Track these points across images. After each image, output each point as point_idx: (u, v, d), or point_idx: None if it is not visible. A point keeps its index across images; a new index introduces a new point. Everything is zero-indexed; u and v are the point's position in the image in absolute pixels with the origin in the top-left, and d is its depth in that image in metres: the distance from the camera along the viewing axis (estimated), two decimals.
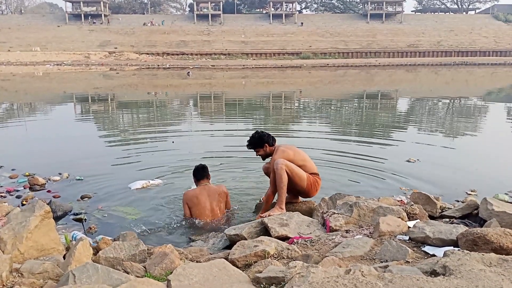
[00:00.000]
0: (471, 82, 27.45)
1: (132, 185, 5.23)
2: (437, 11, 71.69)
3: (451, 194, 4.88)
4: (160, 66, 39.26)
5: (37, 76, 30.51)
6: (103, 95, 19.00)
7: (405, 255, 2.47)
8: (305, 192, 4.28)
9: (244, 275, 2.27)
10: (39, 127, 10.30)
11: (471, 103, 16.19)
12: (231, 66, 39.34)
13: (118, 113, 13.63)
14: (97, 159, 6.68)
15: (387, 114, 12.98)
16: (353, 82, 26.73)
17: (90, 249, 2.61)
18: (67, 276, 2.05)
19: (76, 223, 4.13)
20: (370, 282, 1.84)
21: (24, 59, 41.51)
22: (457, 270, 1.96)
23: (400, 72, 35.33)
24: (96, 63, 41.43)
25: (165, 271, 2.41)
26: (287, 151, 4.20)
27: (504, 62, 42.84)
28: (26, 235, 2.58)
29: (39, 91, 20.77)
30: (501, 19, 58.13)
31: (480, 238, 2.44)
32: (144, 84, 24.63)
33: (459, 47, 50.12)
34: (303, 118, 12.20)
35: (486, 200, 3.26)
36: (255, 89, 22.08)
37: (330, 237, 3.06)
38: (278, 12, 57.62)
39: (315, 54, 47.17)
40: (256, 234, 3.29)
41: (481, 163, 6.46)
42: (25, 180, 5.39)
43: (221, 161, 6.45)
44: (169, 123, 11.17)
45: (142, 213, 4.40)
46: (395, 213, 3.29)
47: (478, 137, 9.06)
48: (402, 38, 51.98)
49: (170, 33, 51.76)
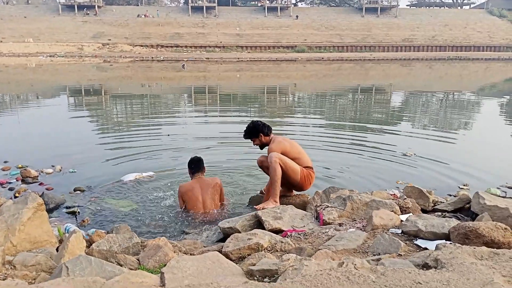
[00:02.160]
0: (465, 77, 27.56)
1: (125, 177, 5.22)
2: (432, 6, 71.66)
3: (444, 188, 4.92)
4: (154, 59, 39.01)
5: (30, 67, 30.21)
6: (96, 87, 18.86)
7: (398, 248, 2.49)
8: (299, 185, 4.29)
9: (238, 268, 2.27)
10: (32, 119, 10.22)
11: (466, 97, 16.27)
12: (226, 59, 39.17)
13: (112, 105, 13.55)
14: (90, 152, 6.64)
15: (382, 108, 13.01)
16: (348, 76, 26.74)
17: (83, 242, 2.60)
18: (60, 268, 2.04)
19: (69, 216, 4.12)
20: (363, 275, 1.85)
21: (16, 50, 41.01)
22: (448, 263, 1.98)
23: (394, 66, 35.37)
24: (90, 54, 41.04)
25: (159, 263, 2.41)
26: (283, 142, 4.22)
27: (498, 57, 43.02)
28: (18, 227, 2.57)
29: (32, 83, 20.58)
30: (495, 14, 58.25)
31: (472, 231, 2.47)
32: (138, 77, 24.48)
33: (454, 42, 50.20)
34: (297, 111, 12.20)
35: (478, 194, 3.29)
36: (250, 82, 22.02)
37: (324, 230, 3.07)
38: (273, 5, 57.34)
39: (310, 47, 47.03)
40: (250, 227, 3.30)
41: (474, 158, 6.50)
42: (17, 173, 5.35)
43: (215, 153, 6.45)
44: (163, 115, 11.13)
45: (135, 205, 4.39)
46: (388, 206, 3.31)
47: (472, 132, 9.12)
48: (397, 32, 51.94)
49: (164, 25, 51.34)
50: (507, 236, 2.43)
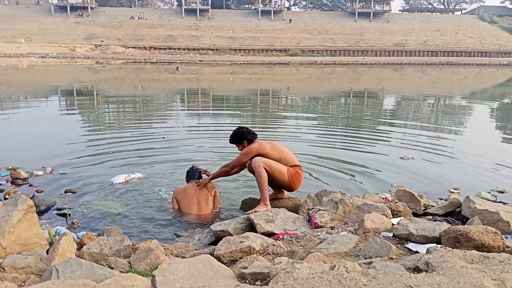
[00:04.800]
0: (456, 81, 27.81)
1: (114, 179, 5.18)
2: (424, 11, 72.38)
3: (435, 192, 4.94)
4: (147, 61, 38.88)
5: (21, 68, 29.97)
6: (88, 89, 18.76)
7: (389, 252, 2.50)
8: (288, 185, 4.27)
9: (230, 271, 2.27)
10: (23, 120, 10.12)
11: (457, 102, 16.41)
12: (219, 62, 39.16)
13: (103, 107, 13.48)
14: (81, 153, 6.59)
15: (374, 111, 13.07)
16: (341, 80, 26.86)
17: (74, 244, 2.58)
18: (50, 271, 2.02)
19: (60, 218, 4.08)
20: (354, 278, 1.86)
21: (8, 51, 40.67)
22: (439, 267, 1.99)
23: (387, 70, 35.61)
24: (82, 56, 40.82)
25: (150, 266, 2.40)
26: (264, 144, 4.22)
27: (489, 63, 43.48)
28: (8, 230, 2.55)
29: (23, 84, 20.41)
30: (486, 20, 58.97)
31: (463, 235, 2.49)
32: (131, 78, 24.38)
33: (445, 47, 50.70)
34: (290, 114, 12.22)
35: (468, 198, 3.31)
36: (242, 85, 22.03)
37: (316, 233, 3.08)
38: (267, 9, 57.51)
39: (303, 51, 47.20)
40: (242, 230, 3.29)
41: (465, 162, 6.54)
42: (7, 174, 5.29)
43: (207, 156, 6.45)
44: (155, 117, 11.10)
45: (126, 207, 4.37)
46: (379, 210, 3.32)
47: (462, 136, 9.20)
48: (389, 37, 52.35)
49: (157, 27, 51.26)
50: (497, 240, 2.46)
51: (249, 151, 4.17)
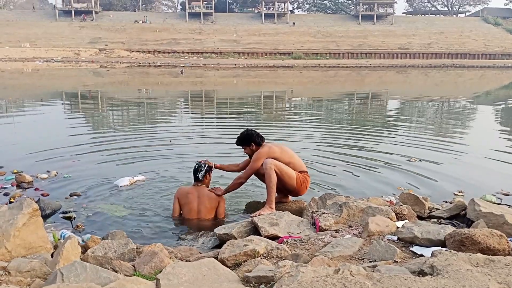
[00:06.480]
0: (460, 84, 27.73)
1: (118, 182, 5.19)
2: (428, 14, 72.26)
3: (440, 195, 4.92)
4: (151, 64, 39.04)
5: (26, 72, 30.15)
6: (93, 92, 18.83)
7: (394, 255, 2.49)
8: (295, 191, 4.28)
9: (234, 275, 2.27)
10: (28, 124, 10.17)
11: (462, 104, 16.35)
12: (223, 65, 39.26)
13: (107, 110, 13.53)
14: (85, 157, 6.62)
15: (378, 114, 13.05)
16: (344, 83, 26.84)
17: (78, 248, 2.59)
18: (55, 274, 2.03)
19: (65, 221, 4.09)
20: (359, 282, 1.85)
21: (13, 55, 40.98)
22: (444, 270, 1.98)
23: (390, 73, 35.55)
24: (86, 60, 41.05)
25: (154, 270, 2.40)
26: (273, 148, 4.20)
27: (493, 65, 43.36)
28: (13, 233, 2.56)
29: (28, 88, 20.53)
30: (490, 22, 58.83)
31: (468, 238, 2.47)
32: (135, 82, 24.47)
33: (449, 50, 50.59)
34: (294, 117, 12.22)
35: (473, 201, 3.30)
36: (246, 88, 22.07)
37: (320, 236, 3.07)
38: (270, 12, 57.65)
39: (306, 54, 47.25)
40: (246, 233, 3.29)
41: (470, 164, 6.51)
42: (12, 178, 5.31)
43: (211, 159, 6.44)
44: (159, 120, 11.13)
45: (131, 211, 4.37)
46: (384, 213, 3.31)
47: (467, 138, 9.15)
48: (393, 40, 52.30)
49: (161, 31, 51.49)
50: (503, 243, 2.44)
51: (260, 156, 4.14)
